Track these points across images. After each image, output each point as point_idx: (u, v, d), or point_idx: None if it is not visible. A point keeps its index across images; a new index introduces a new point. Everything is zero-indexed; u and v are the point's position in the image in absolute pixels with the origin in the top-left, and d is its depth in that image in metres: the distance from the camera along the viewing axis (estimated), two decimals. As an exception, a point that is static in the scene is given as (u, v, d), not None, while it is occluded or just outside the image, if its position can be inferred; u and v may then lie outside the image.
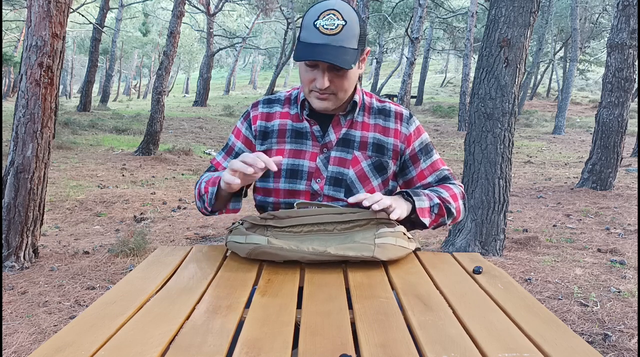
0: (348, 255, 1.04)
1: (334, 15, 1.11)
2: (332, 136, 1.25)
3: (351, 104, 1.26)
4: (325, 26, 1.10)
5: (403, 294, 0.93)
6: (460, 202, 1.28)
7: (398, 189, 1.34)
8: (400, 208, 1.14)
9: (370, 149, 1.25)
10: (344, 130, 1.26)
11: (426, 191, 1.25)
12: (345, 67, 1.11)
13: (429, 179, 1.31)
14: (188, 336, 0.74)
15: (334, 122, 1.26)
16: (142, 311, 0.84)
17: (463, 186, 1.33)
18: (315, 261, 1.05)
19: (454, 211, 1.25)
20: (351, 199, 1.12)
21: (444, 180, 1.32)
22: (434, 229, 1.26)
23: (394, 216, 1.11)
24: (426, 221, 1.20)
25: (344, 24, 1.11)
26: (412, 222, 1.24)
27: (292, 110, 1.28)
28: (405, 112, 1.31)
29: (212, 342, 0.72)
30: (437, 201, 1.22)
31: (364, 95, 1.31)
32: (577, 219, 4.85)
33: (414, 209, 1.18)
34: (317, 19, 1.11)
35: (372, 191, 1.24)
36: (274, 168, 1.05)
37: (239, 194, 1.22)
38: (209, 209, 1.23)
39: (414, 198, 1.19)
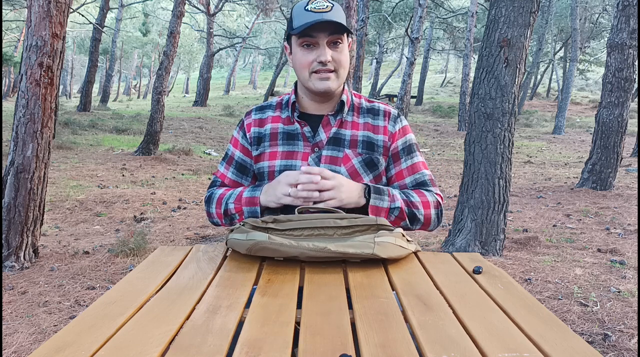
0: (348, 252, 1.04)
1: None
2: (323, 136, 1.28)
3: (339, 104, 1.30)
4: (316, 7, 1.19)
5: (403, 294, 0.93)
6: (433, 210, 1.27)
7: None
8: (340, 199, 1.16)
9: (361, 147, 1.28)
10: (334, 129, 1.29)
11: (395, 192, 1.25)
12: (345, 24, 1.19)
13: (407, 180, 1.31)
14: (188, 336, 0.74)
15: (324, 122, 1.29)
16: (142, 311, 0.84)
17: (441, 195, 1.33)
18: (315, 257, 1.05)
19: (420, 217, 1.25)
20: (304, 168, 1.16)
21: (422, 185, 1.32)
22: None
23: (328, 203, 1.15)
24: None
25: (332, 5, 1.21)
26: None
27: (284, 114, 1.32)
28: (394, 111, 1.35)
29: (212, 342, 0.72)
30: (399, 204, 1.22)
31: (353, 96, 1.35)
32: (577, 219, 4.85)
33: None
34: (307, 5, 1.21)
35: None
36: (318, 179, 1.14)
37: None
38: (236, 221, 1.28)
39: (372, 196, 1.20)
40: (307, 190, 1.13)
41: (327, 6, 1.20)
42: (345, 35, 1.23)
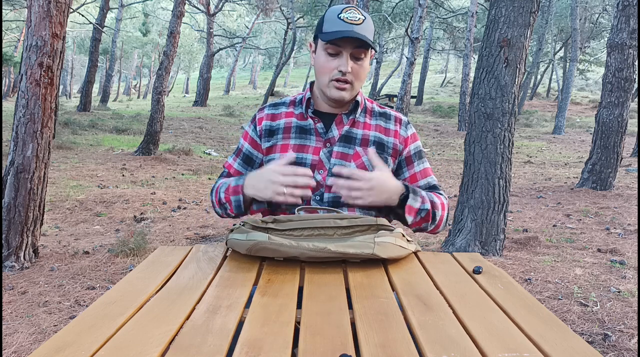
0: (348, 252, 1.04)
1: (355, 10, 1.25)
2: (335, 133, 1.32)
3: (353, 104, 1.34)
4: (349, 17, 1.23)
5: (403, 294, 0.93)
6: (445, 213, 1.32)
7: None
8: (372, 199, 1.17)
9: (371, 146, 1.32)
10: (346, 127, 1.33)
11: (423, 193, 1.28)
12: (371, 38, 1.24)
13: (420, 183, 1.36)
14: (188, 336, 0.74)
15: (337, 120, 1.33)
16: (142, 311, 0.84)
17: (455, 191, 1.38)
18: (315, 257, 1.05)
19: (437, 218, 1.29)
20: (336, 170, 1.19)
21: (433, 188, 1.37)
22: (414, 231, 1.31)
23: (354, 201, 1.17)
24: (409, 219, 1.24)
25: (364, 18, 1.25)
26: (396, 213, 1.28)
27: (297, 110, 1.36)
28: (404, 118, 1.41)
29: (212, 342, 0.72)
30: (428, 206, 1.25)
31: (366, 100, 1.40)
32: (577, 219, 4.85)
33: (403, 204, 1.22)
34: (341, 13, 1.24)
35: None
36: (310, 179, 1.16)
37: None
38: (233, 214, 1.30)
39: (410, 194, 1.22)
40: (298, 190, 1.15)
41: (360, 19, 1.23)
42: (369, 50, 1.27)
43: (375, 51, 1.29)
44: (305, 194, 1.16)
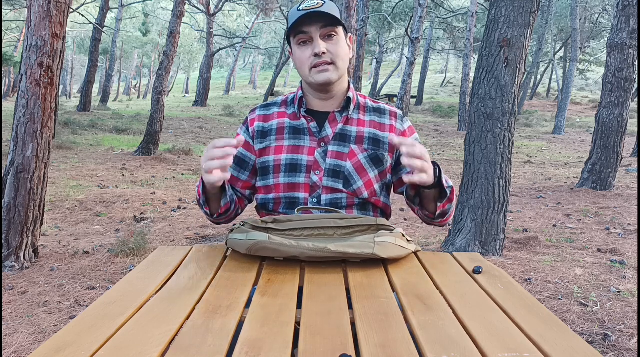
0: (348, 252, 1.04)
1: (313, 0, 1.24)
2: (329, 131, 1.29)
3: (345, 101, 1.32)
4: (307, 6, 1.22)
5: (403, 294, 0.93)
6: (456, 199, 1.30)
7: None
8: (429, 173, 1.06)
9: (367, 143, 1.29)
10: (340, 125, 1.30)
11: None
12: (335, 15, 1.21)
13: None
14: (188, 336, 0.74)
15: (330, 119, 1.31)
16: (142, 311, 0.84)
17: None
18: (315, 257, 1.05)
19: (454, 204, 1.24)
20: (393, 139, 1.05)
21: None
22: (433, 219, 1.24)
23: (419, 179, 1.04)
24: (440, 202, 1.18)
25: (323, 2, 1.24)
26: (420, 198, 1.21)
27: (289, 110, 1.34)
28: (399, 112, 1.38)
29: (212, 342, 0.72)
30: (451, 183, 1.21)
31: (358, 96, 1.37)
32: (577, 219, 4.85)
33: (438, 181, 1.13)
34: (300, 5, 1.24)
35: (369, 183, 1.27)
36: (235, 142, 1.05)
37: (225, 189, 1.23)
38: (209, 212, 1.27)
39: (442, 173, 1.15)
40: (216, 161, 1.05)
41: (318, 3, 1.22)
42: (339, 28, 1.24)
43: (344, 26, 1.25)
44: (224, 163, 1.05)
